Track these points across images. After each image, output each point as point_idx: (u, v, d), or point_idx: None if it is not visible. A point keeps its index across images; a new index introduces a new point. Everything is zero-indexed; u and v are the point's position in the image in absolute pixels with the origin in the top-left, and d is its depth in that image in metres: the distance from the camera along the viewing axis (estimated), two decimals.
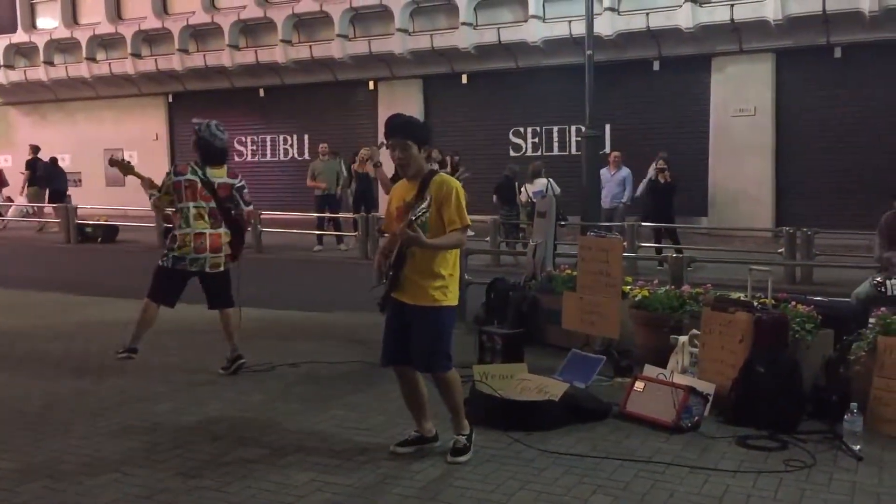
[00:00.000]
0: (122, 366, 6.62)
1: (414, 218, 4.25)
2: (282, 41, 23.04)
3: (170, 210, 6.55)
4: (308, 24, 23.38)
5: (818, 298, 6.62)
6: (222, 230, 6.49)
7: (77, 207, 19.31)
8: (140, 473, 4.41)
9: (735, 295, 6.02)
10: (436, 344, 4.45)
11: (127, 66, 25.44)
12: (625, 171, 15.04)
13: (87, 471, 4.46)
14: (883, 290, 6.27)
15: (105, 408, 5.64)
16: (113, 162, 6.86)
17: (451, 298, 4.48)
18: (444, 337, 4.48)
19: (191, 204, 6.35)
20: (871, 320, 5.38)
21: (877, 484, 4.19)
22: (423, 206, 4.28)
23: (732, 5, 17.76)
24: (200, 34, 24.83)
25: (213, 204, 6.41)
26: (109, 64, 25.93)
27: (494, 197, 15.17)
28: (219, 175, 6.46)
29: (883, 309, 5.62)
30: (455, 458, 4.50)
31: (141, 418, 5.41)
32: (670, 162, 13.95)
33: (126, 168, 6.78)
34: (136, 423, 5.30)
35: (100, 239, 18.48)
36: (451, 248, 4.44)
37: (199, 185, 6.36)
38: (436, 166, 15.88)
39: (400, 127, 4.50)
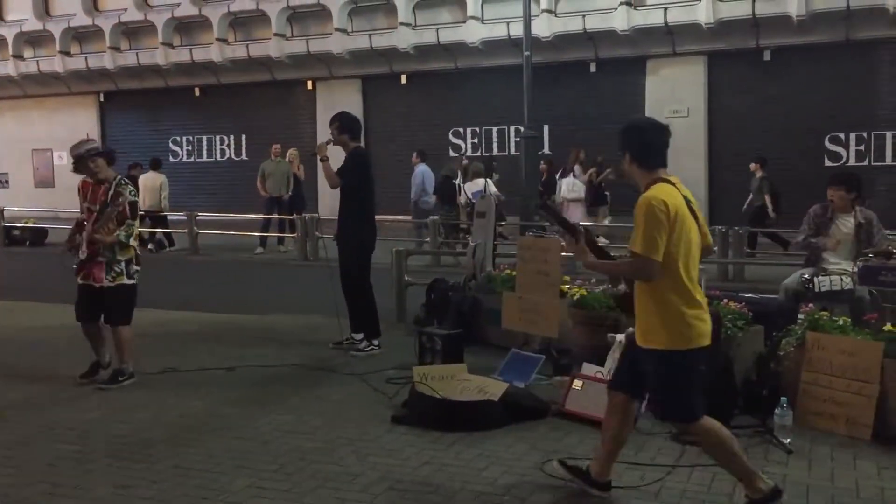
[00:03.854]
0: (50, 372, 6.44)
1: (584, 230, 3.86)
2: (218, 40, 22.66)
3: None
4: (244, 23, 23.05)
5: (749, 296, 6.78)
6: None
7: (4, 209, 18.70)
8: (70, 483, 4.29)
9: None
10: (663, 392, 3.76)
11: (56, 65, 24.70)
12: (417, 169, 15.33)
13: (15, 482, 4.31)
14: (811, 286, 6.44)
15: (33, 416, 5.46)
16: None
17: (675, 340, 3.63)
18: (677, 384, 3.69)
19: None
20: (800, 316, 5.54)
21: (806, 476, 4.31)
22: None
23: (666, 8, 18.10)
24: (133, 32, 24.26)
25: None
26: (37, 62, 25.15)
27: (434, 197, 15.17)
28: None
29: (811, 305, 5.79)
30: None
31: (71, 426, 5.25)
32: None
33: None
34: (66, 431, 5.14)
35: (28, 242, 17.93)
36: (621, 276, 3.85)
37: None
38: (577, 169, 15.33)
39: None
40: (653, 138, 3.82)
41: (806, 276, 6.53)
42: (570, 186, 15.07)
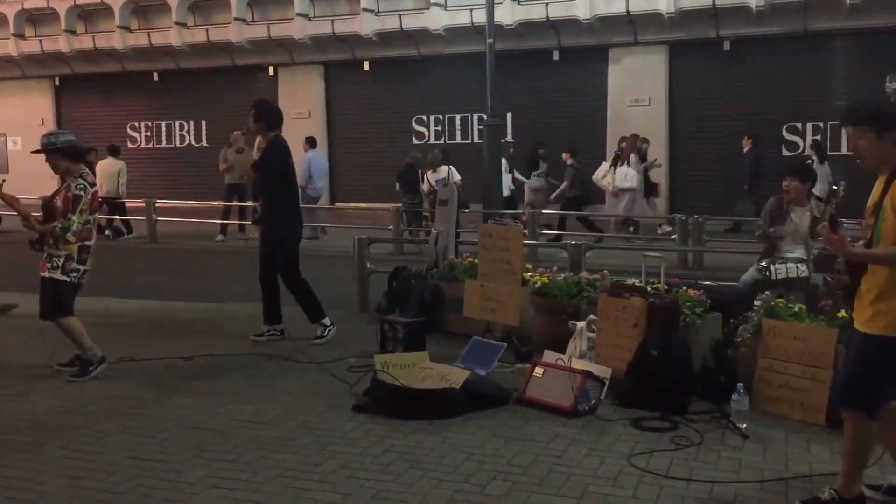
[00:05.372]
0: (1, 363, 6.30)
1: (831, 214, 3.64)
2: (176, 23, 22.27)
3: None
4: (204, 7, 22.67)
5: (707, 283, 6.87)
6: None
7: None
8: (23, 476, 4.20)
9: (630, 281, 6.17)
10: (850, 375, 3.73)
11: (9, 48, 24.09)
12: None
13: None
14: (767, 274, 6.55)
15: None
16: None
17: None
18: (868, 369, 3.63)
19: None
20: (756, 303, 5.61)
21: (761, 461, 4.38)
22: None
23: None
24: (89, 14, 23.74)
25: None
26: None
27: (397, 185, 15.11)
28: None
29: (767, 293, 5.87)
30: None
31: (24, 416, 5.15)
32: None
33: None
34: (19, 422, 5.04)
35: None
36: (891, 263, 3.55)
37: None
38: (633, 158, 14.68)
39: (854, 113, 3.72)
40: None
41: (763, 264, 6.65)
42: (624, 175, 14.66)
